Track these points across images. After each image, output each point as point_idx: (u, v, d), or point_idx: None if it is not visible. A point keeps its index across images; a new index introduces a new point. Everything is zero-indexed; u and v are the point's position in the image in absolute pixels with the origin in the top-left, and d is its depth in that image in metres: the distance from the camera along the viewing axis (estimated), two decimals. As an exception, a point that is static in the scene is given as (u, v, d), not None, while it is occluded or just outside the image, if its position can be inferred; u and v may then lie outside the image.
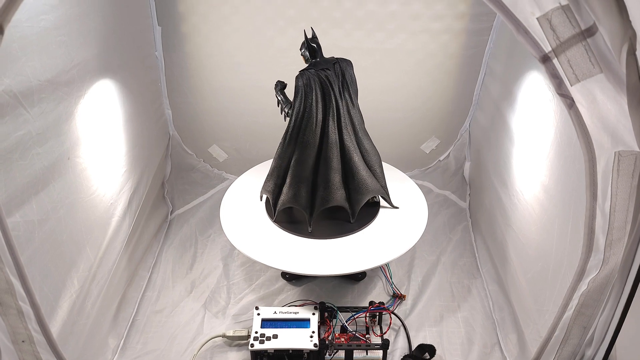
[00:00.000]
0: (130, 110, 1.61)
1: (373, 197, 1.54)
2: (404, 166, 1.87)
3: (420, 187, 1.71)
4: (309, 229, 1.47)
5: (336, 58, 1.41)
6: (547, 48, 0.74)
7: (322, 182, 1.43)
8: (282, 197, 1.47)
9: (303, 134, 1.39)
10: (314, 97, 1.36)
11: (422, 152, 2.13)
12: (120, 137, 1.56)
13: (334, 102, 1.37)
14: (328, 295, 1.60)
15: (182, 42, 1.88)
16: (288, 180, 1.45)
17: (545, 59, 0.76)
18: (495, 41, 1.82)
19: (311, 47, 1.40)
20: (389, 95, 1.95)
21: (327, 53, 1.43)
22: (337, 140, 1.40)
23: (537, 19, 0.73)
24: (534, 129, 1.39)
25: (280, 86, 1.46)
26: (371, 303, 1.47)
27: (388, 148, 1.99)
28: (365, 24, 1.81)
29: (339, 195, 1.45)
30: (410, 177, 1.78)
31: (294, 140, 1.41)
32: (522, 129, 1.50)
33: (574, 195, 1.09)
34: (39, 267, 1.08)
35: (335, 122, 1.39)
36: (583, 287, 0.96)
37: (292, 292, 1.61)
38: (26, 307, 0.93)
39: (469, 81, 1.96)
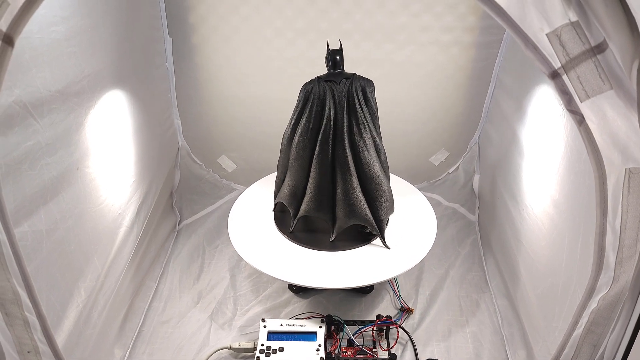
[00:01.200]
0: (140, 120, 1.62)
1: (364, 227, 1.49)
2: (412, 178, 1.86)
3: (429, 199, 1.70)
4: (291, 229, 1.50)
5: (355, 75, 1.40)
6: (557, 64, 0.74)
7: (310, 189, 1.44)
8: (280, 191, 1.53)
9: (298, 137, 1.42)
10: (309, 105, 1.38)
11: (431, 165, 2.12)
12: (130, 147, 1.57)
13: (332, 116, 1.37)
14: (335, 308, 1.58)
15: (193, 53, 1.89)
16: (287, 177, 1.49)
17: (554, 75, 0.75)
18: (506, 54, 1.81)
19: (331, 57, 1.40)
20: (397, 107, 1.95)
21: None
22: (330, 153, 1.40)
23: (546, 35, 0.72)
24: (544, 143, 1.37)
25: None
26: (378, 316, 1.46)
27: (397, 160, 1.98)
28: (374, 35, 1.81)
29: (323, 207, 1.45)
30: (419, 189, 1.77)
31: (291, 138, 1.45)
32: (532, 143, 1.49)
33: (583, 211, 1.08)
34: (46, 277, 1.08)
35: (331, 136, 1.38)
36: (593, 304, 0.94)
37: (299, 304, 1.61)
38: (32, 318, 0.93)
39: (479, 94, 1.95)
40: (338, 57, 1.39)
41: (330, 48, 1.41)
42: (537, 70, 1.47)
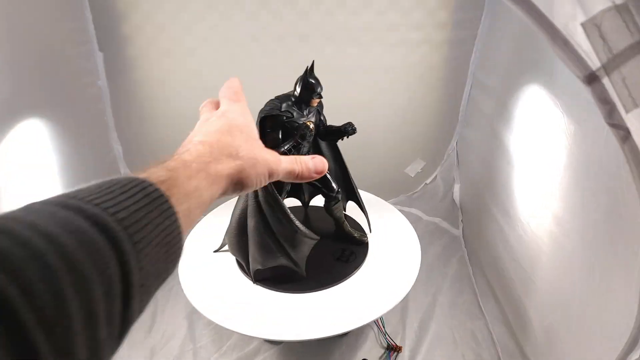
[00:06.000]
0: (68, 151, 1.39)
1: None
2: (387, 193, 1.67)
3: (407, 214, 1.52)
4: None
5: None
6: (595, 64, 0.54)
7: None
8: None
9: None
10: None
11: (407, 176, 1.94)
12: (57, 183, 1.32)
13: None
14: (312, 355, 1.38)
15: (129, 68, 1.67)
16: None
17: (591, 79, 0.55)
18: (482, 50, 1.64)
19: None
20: (366, 116, 1.74)
21: (292, 72, 1.20)
22: None
23: (581, 24, 0.53)
24: (538, 150, 1.20)
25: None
26: (363, 363, 1.26)
27: (369, 173, 1.78)
28: (336, 38, 1.62)
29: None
30: (395, 204, 1.59)
31: None
32: (523, 150, 1.32)
33: (598, 235, 0.91)
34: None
35: None
36: (634, 357, 0.76)
37: (270, 352, 1.39)
38: None
39: (455, 96, 1.78)
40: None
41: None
42: (523, 68, 1.29)
